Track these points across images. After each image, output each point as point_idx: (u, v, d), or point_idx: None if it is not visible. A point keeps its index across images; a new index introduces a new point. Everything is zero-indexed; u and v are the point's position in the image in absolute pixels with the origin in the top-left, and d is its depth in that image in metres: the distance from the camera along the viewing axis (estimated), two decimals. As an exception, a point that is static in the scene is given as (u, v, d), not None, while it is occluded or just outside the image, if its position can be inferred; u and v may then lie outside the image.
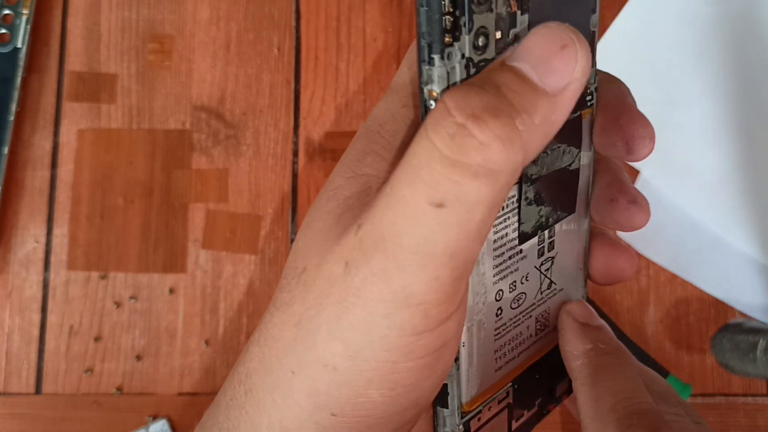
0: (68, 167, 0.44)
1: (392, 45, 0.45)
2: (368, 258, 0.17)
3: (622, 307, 0.42)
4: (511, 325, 0.22)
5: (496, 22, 0.17)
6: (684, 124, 0.42)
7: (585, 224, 0.23)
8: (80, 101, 0.44)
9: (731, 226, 0.41)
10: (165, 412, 0.42)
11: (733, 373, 0.39)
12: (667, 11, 0.43)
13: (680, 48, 0.43)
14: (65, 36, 0.45)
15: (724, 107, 0.42)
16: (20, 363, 0.42)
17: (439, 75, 0.17)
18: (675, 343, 0.42)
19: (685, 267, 0.42)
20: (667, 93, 0.43)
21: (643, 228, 0.23)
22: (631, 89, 0.24)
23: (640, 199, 0.23)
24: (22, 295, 0.43)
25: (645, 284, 0.43)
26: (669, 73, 0.43)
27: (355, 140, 0.20)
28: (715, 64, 0.43)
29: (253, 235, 0.43)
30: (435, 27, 0.17)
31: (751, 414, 0.42)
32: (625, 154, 0.22)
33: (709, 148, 0.42)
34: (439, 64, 0.17)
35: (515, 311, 0.22)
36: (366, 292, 0.17)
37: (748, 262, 0.41)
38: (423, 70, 0.17)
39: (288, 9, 0.45)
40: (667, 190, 0.42)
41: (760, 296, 0.42)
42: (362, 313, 0.17)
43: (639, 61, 0.43)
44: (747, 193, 0.41)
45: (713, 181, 0.42)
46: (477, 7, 0.17)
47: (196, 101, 0.44)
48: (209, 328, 0.42)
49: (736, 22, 0.43)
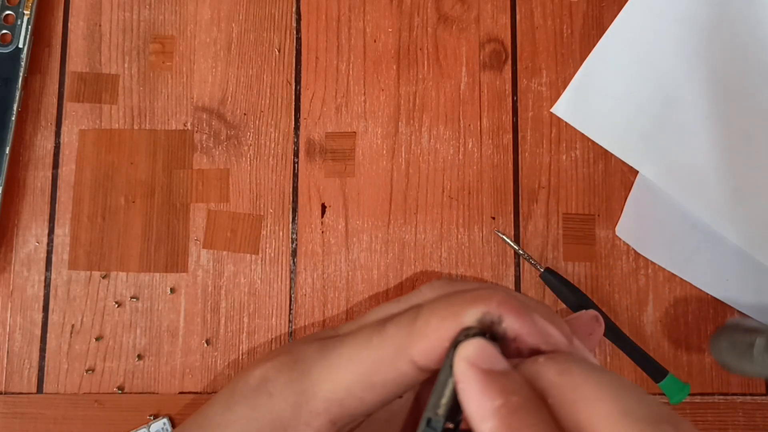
0: (70, 167, 0.44)
1: (392, 45, 0.45)
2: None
3: (620, 306, 0.42)
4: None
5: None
6: (684, 124, 0.42)
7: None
8: (82, 101, 0.45)
9: (730, 225, 0.41)
10: (166, 411, 0.42)
11: (731, 372, 0.39)
12: (666, 11, 0.44)
13: (680, 48, 0.43)
14: (67, 36, 0.45)
15: (724, 107, 0.42)
16: (22, 362, 0.42)
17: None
18: (674, 342, 0.42)
19: (683, 266, 0.42)
20: (666, 93, 0.43)
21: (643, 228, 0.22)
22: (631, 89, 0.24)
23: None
24: (23, 294, 0.43)
25: (644, 283, 0.43)
26: (669, 73, 0.43)
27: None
28: (714, 64, 0.43)
29: (254, 234, 0.43)
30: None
31: (750, 413, 0.42)
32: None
33: (708, 147, 0.42)
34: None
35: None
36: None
37: (747, 262, 0.42)
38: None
39: (288, 10, 0.45)
40: (665, 189, 0.42)
41: (758, 295, 0.42)
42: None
43: (639, 61, 0.43)
44: (746, 193, 0.42)
45: (712, 180, 0.42)
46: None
47: (197, 102, 0.45)
48: (210, 328, 0.43)
49: (735, 23, 0.43)
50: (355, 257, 0.43)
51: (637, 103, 0.43)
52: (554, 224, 0.43)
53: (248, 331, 0.43)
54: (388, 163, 0.44)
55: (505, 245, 0.43)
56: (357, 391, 0.24)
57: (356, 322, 0.27)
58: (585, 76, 0.44)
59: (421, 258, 0.43)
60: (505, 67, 0.45)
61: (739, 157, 0.42)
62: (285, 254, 0.43)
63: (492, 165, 0.44)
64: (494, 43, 0.45)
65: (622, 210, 0.43)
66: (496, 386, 0.20)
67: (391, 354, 0.23)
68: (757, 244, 0.41)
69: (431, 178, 0.44)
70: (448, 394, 0.21)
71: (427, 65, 0.45)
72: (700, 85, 0.43)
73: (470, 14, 0.45)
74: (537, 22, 0.45)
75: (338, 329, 0.27)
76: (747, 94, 0.43)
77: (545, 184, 0.43)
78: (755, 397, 0.42)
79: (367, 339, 0.24)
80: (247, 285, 0.43)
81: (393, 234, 0.43)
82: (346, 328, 0.27)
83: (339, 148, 0.44)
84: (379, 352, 0.23)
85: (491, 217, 0.43)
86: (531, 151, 0.44)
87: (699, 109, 0.42)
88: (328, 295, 0.43)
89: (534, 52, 0.45)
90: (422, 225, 0.43)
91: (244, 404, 0.25)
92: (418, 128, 0.44)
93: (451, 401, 0.21)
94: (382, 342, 0.23)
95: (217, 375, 0.42)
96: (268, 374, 0.25)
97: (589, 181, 0.44)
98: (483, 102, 0.44)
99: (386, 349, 0.23)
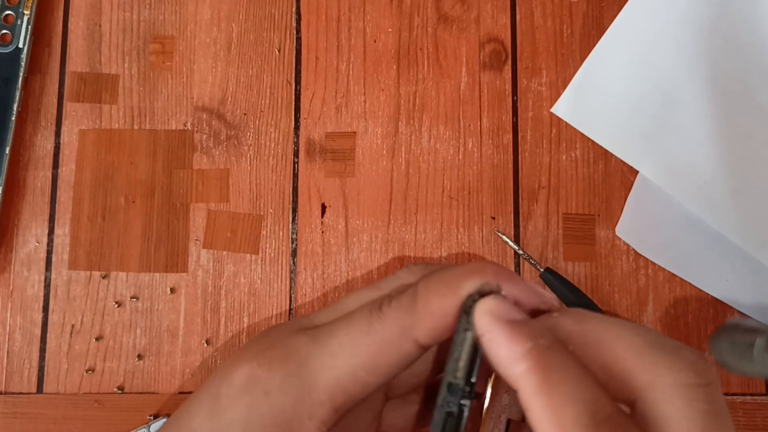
0: (70, 167, 0.44)
1: (392, 45, 0.45)
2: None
3: (621, 306, 0.42)
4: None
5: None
6: (684, 123, 0.42)
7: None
8: (82, 101, 0.45)
9: (730, 225, 0.41)
10: (166, 411, 0.42)
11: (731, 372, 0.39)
12: (666, 11, 0.44)
13: (680, 48, 0.43)
14: (67, 36, 0.45)
15: (724, 107, 0.42)
16: (22, 362, 0.42)
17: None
18: (674, 342, 0.42)
19: (683, 266, 0.42)
20: (667, 93, 0.43)
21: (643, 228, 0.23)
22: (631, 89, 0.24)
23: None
24: (23, 294, 0.43)
25: (644, 283, 0.43)
26: (669, 73, 0.43)
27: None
28: (714, 64, 0.43)
29: (254, 234, 0.43)
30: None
31: (750, 413, 0.42)
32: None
33: (708, 147, 0.42)
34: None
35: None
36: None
37: (747, 262, 0.42)
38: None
39: (288, 10, 0.45)
40: (665, 189, 0.42)
41: (758, 295, 0.42)
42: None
43: (639, 61, 0.43)
44: (746, 193, 0.42)
45: (712, 180, 0.42)
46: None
47: (197, 102, 0.45)
48: (210, 328, 0.43)
49: (735, 23, 0.43)
50: (355, 257, 0.43)
51: (637, 103, 0.43)
52: (554, 224, 0.43)
53: (248, 331, 0.43)
54: (388, 163, 0.44)
55: (505, 245, 0.43)
56: (361, 376, 0.24)
57: (333, 310, 0.27)
58: (585, 76, 0.44)
59: (421, 258, 0.43)
60: (505, 67, 0.45)
61: (739, 157, 0.42)
62: (285, 254, 0.43)
63: (492, 165, 0.44)
64: (494, 43, 0.45)
65: (622, 210, 0.43)
66: (522, 332, 0.21)
67: (395, 336, 0.24)
68: (757, 244, 0.41)
69: (431, 178, 0.44)
70: (465, 358, 0.22)
71: (427, 65, 0.45)
72: (700, 85, 0.43)
73: (470, 14, 0.45)
74: (537, 22, 0.45)
75: (312, 318, 0.27)
76: (747, 94, 0.43)
77: (545, 184, 0.43)
78: (755, 397, 0.42)
79: (367, 324, 0.24)
80: (247, 285, 0.43)
81: (393, 234, 0.43)
82: (324, 316, 0.27)
83: (339, 148, 0.44)
84: (383, 335, 0.24)
85: (491, 217, 0.43)
86: (531, 151, 0.44)
87: (699, 109, 0.42)
88: (328, 295, 0.43)
89: (534, 52, 0.45)
90: (422, 225, 0.43)
91: (236, 407, 0.25)
92: (418, 128, 0.44)
93: (468, 365, 0.22)
94: (383, 325, 0.24)
95: (217, 375, 0.42)
96: (256, 373, 0.25)
97: (589, 181, 0.44)
98: (483, 102, 0.44)
99: (389, 332, 0.24)
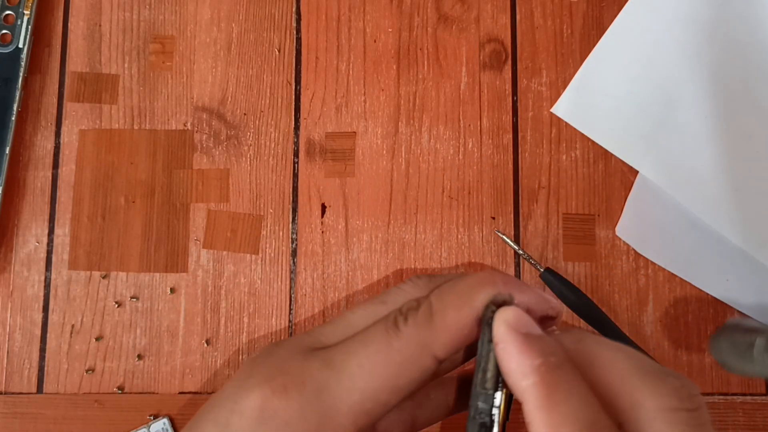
0: (70, 167, 0.44)
1: (392, 45, 0.45)
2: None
3: (620, 306, 0.42)
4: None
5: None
6: (684, 124, 0.42)
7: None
8: (82, 101, 0.45)
9: (730, 225, 0.41)
10: (166, 411, 0.42)
11: (731, 372, 0.39)
12: (666, 12, 0.44)
13: (680, 48, 0.43)
14: (67, 36, 0.45)
15: (724, 107, 0.42)
16: (22, 362, 0.42)
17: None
18: (673, 342, 0.42)
19: (683, 266, 0.42)
20: (667, 93, 0.43)
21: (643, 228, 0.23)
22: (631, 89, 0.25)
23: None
24: (23, 294, 0.43)
25: (644, 283, 0.43)
26: (669, 73, 0.43)
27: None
28: (715, 65, 0.43)
29: (254, 234, 0.43)
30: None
31: (750, 413, 0.42)
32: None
33: (708, 147, 0.42)
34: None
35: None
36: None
37: (747, 262, 0.42)
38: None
39: (288, 10, 0.45)
40: (665, 189, 0.42)
41: (758, 295, 0.42)
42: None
43: (639, 61, 0.43)
44: (746, 193, 0.42)
45: (712, 180, 0.42)
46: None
47: (197, 102, 0.45)
48: (210, 328, 0.43)
49: (736, 23, 0.43)
50: (355, 257, 0.43)
51: (638, 103, 0.43)
52: (554, 224, 0.43)
53: (248, 331, 0.43)
54: (388, 163, 0.44)
55: (505, 245, 0.43)
56: (383, 397, 0.24)
57: (339, 327, 0.26)
58: (585, 76, 0.44)
59: (421, 258, 0.43)
60: (505, 67, 0.45)
61: (739, 157, 0.42)
62: (285, 254, 0.43)
63: (492, 165, 0.44)
64: (494, 43, 0.45)
65: (622, 210, 0.43)
66: (535, 347, 0.22)
67: (415, 354, 0.24)
68: (757, 244, 0.41)
69: (431, 178, 0.44)
70: (492, 368, 0.23)
71: (427, 65, 0.45)
72: (700, 85, 0.43)
73: (470, 14, 0.45)
74: (537, 22, 0.45)
75: (317, 336, 0.26)
76: (747, 94, 0.43)
77: (545, 184, 0.43)
78: (755, 397, 0.42)
79: (386, 344, 0.24)
80: (247, 285, 0.43)
81: (393, 234, 0.43)
82: (330, 334, 0.26)
83: (339, 148, 0.44)
84: (403, 354, 0.24)
85: (491, 217, 0.43)
86: (531, 151, 0.44)
87: (699, 109, 0.42)
88: (328, 295, 0.43)
89: (534, 52, 0.45)
90: (422, 225, 0.43)
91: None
92: (418, 128, 0.44)
93: (496, 375, 0.23)
94: (402, 344, 0.24)
95: (217, 375, 0.42)
96: (271, 402, 0.24)
97: (589, 181, 0.44)
98: (483, 102, 0.44)
99: (409, 350, 0.24)
